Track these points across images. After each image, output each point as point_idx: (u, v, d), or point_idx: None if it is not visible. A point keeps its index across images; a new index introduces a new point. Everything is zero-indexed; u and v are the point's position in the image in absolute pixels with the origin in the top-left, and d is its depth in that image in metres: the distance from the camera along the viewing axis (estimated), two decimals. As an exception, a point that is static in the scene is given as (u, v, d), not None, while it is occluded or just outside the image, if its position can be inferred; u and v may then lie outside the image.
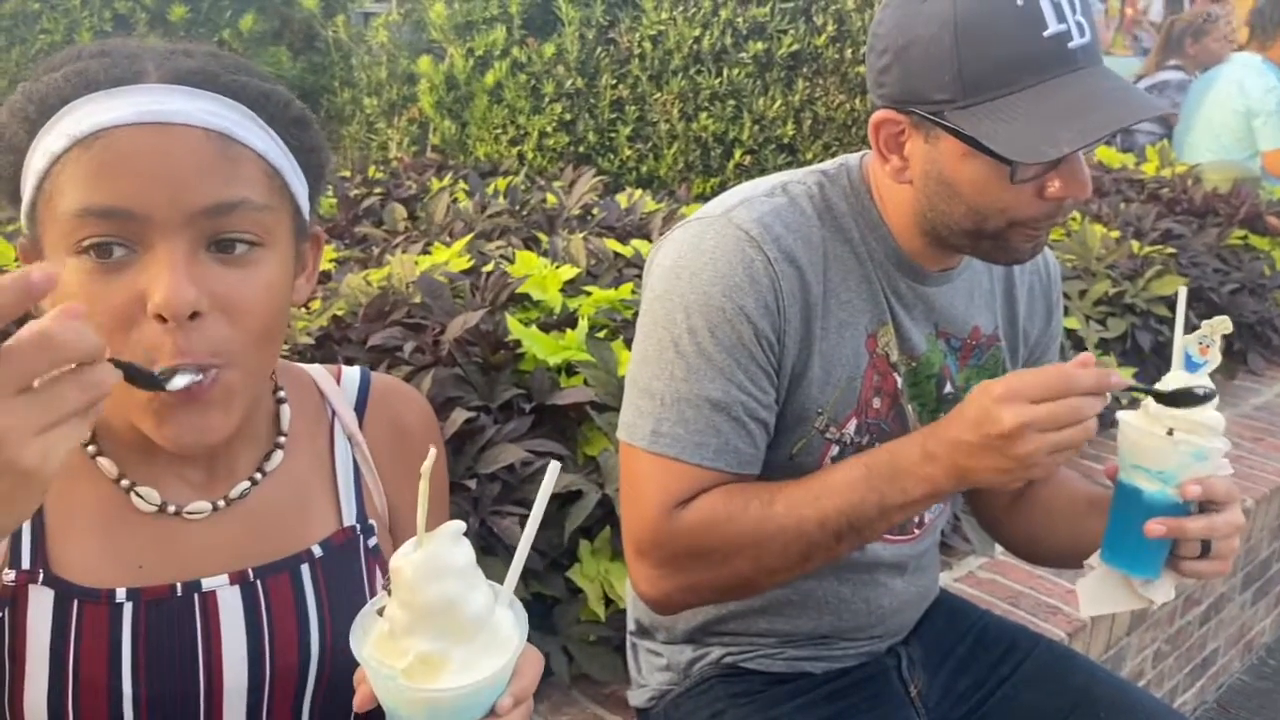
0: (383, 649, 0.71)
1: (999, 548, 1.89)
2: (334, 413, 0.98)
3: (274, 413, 0.94)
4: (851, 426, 1.23)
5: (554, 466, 0.73)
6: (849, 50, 4.31)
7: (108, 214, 0.74)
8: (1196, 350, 1.04)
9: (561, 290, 2.28)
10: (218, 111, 0.78)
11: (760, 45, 4.20)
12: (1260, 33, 4.77)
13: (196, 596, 0.85)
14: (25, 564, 0.82)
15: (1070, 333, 2.89)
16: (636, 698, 1.43)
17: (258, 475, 0.91)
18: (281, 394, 0.95)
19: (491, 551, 1.66)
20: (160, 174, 0.75)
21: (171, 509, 0.86)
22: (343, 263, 2.66)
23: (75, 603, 0.81)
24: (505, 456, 1.73)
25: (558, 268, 2.37)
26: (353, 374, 1.01)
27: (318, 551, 0.91)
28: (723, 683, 1.34)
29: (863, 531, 1.14)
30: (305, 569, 0.90)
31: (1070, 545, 1.27)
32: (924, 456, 1.07)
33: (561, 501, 1.77)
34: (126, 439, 0.85)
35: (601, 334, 2.13)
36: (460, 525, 0.70)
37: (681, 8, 4.23)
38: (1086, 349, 2.88)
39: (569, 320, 2.14)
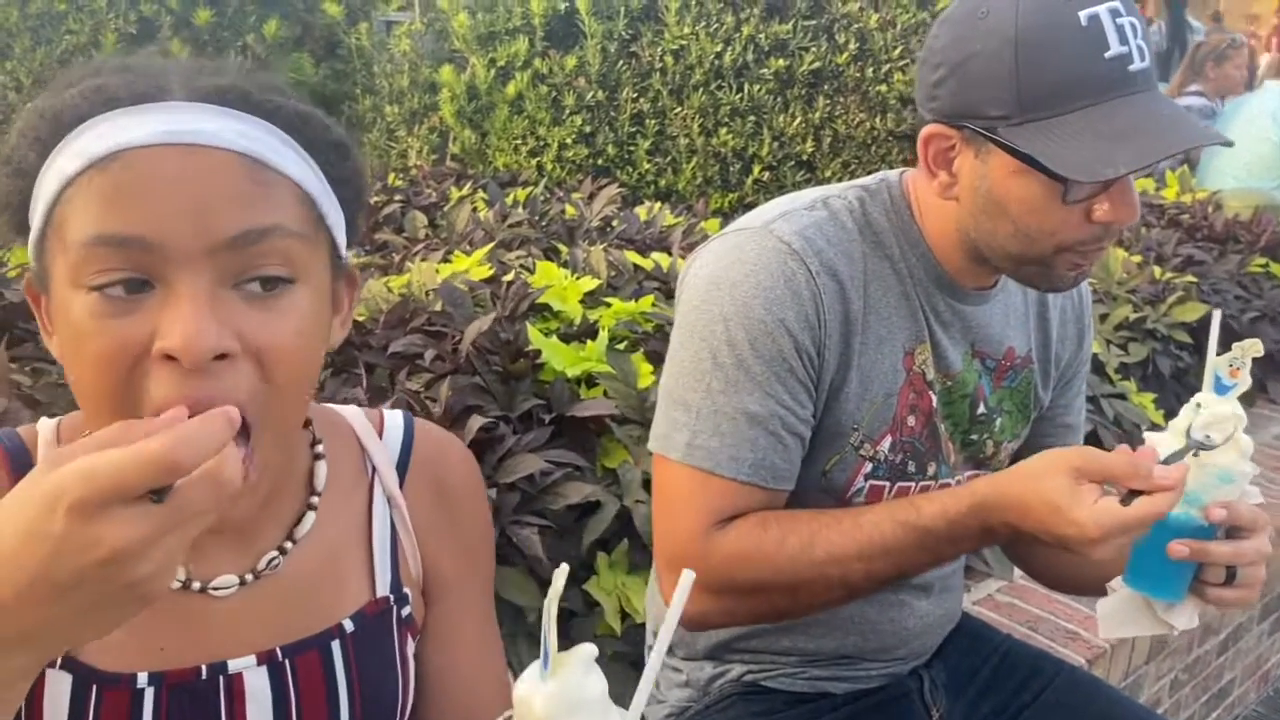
0: None
1: (1017, 571, 1.88)
2: (374, 469, 0.90)
3: (308, 468, 0.85)
4: (886, 444, 1.22)
5: (687, 576, 0.63)
6: (870, 69, 4.31)
7: (123, 243, 0.65)
8: (1226, 373, 1.02)
9: (581, 301, 2.28)
10: (250, 133, 0.69)
11: (782, 62, 4.20)
12: None
13: (222, 679, 0.79)
14: None
15: (1091, 357, 2.87)
16: (654, 714, 1.41)
17: (288, 544, 0.82)
18: (319, 448, 0.86)
19: (509, 562, 1.65)
20: (183, 200, 0.66)
21: (196, 585, 0.79)
22: (363, 269, 2.66)
23: (95, 688, 0.76)
24: (525, 466, 1.72)
25: (578, 279, 2.37)
26: (396, 426, 0.93)
27: (349, 626, 0.84)
28: (743, 701, 1.32)
29: (913, 575, 1.16)
30: (336, 645, 0.83)
31: (1093, 571, 1.25)
32: (984, 530, 1.07)
33: (580, 513, 1.76)
34: None
35: (621, 346, 2.13)
36: (593, 650, 0.63)
37: (704, 23, 4.23)
38: (1107, 373, 2.86)
39: (589, 331, 2.14)
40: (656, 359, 1.99)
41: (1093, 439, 2.61)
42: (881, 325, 1.20)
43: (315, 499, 0.83)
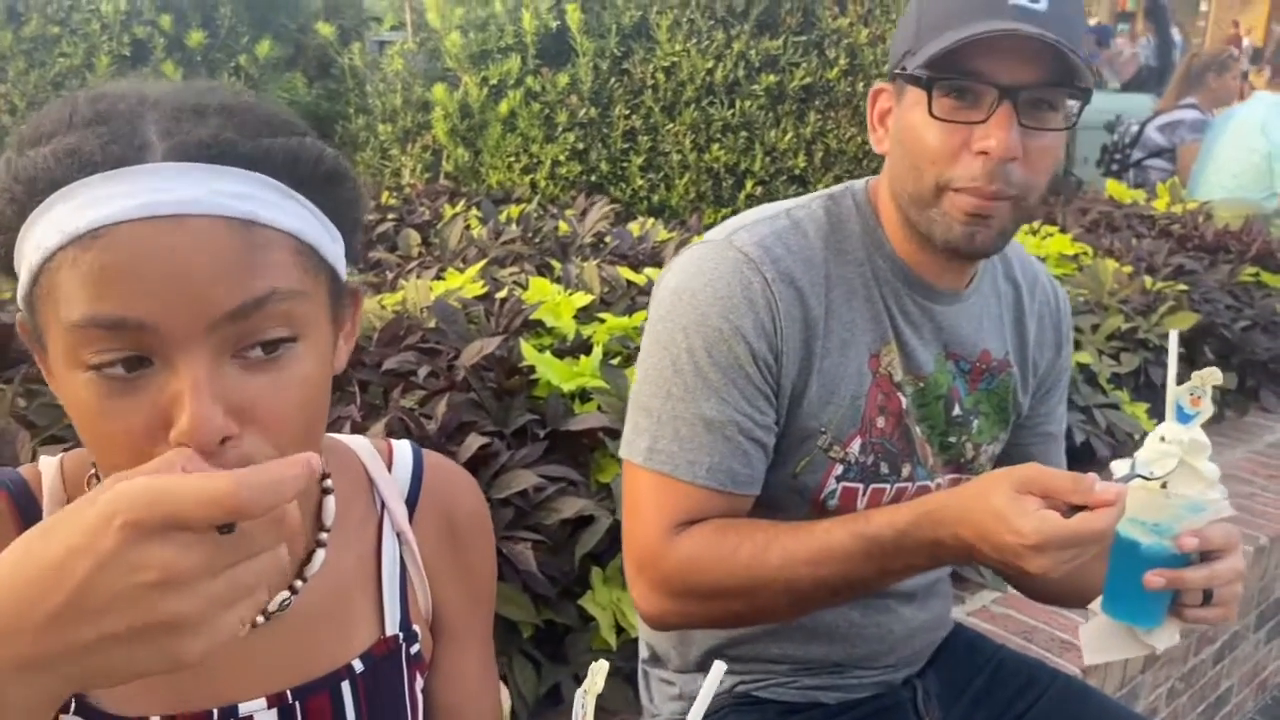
0: None
1: (1013, 581, 1.88)
2: (383, 504, 0.89)
3: (317, 502, 0.82)
4: (856, 446, 1.23)
5: (718, 668, 0.63)
6: (861, 84, 4.33)
7: (116, 325, 0.63)
8: (1188, 401, 1.02)
9: (575, 317, 2.28)
10: (240, 192, 0.65)
11: (773, 78, 4.22)
12: None
13: None
14: None
15: (1083, 367, 2.88)
16: (649, 727, 1.42)
17: (298, 583, 0.79)
18: (327, 483, 0.82)
19: (503, 578, 1.65)
20: (174, 278, 0.63)
21: None
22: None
23: None
24: (519, 482, 1.72)
25: (571, 294, 2.38)
26: (405, 459, 0.92)
27: (359, 666, 0.84)
28: (735, 712, 1.33)
29: (862, 590, 1.16)
30: (346, 686, 0.83)
31: (1082, 585, 1.26)
32: (933, 543, 1.07)
33: (573, 527, 1.76)
34: None
35: (615, 361, 2.13)
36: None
37: (695, 40, 4.26)
38: (1100, 383, 2.87)
39: (583, 347, 2.14)
40: (649, 373, 2.00)
41: (1086, 449, 2.62)
42: (844, 329, 1.22)
43: (324, 535, 0.79)
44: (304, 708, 0.81)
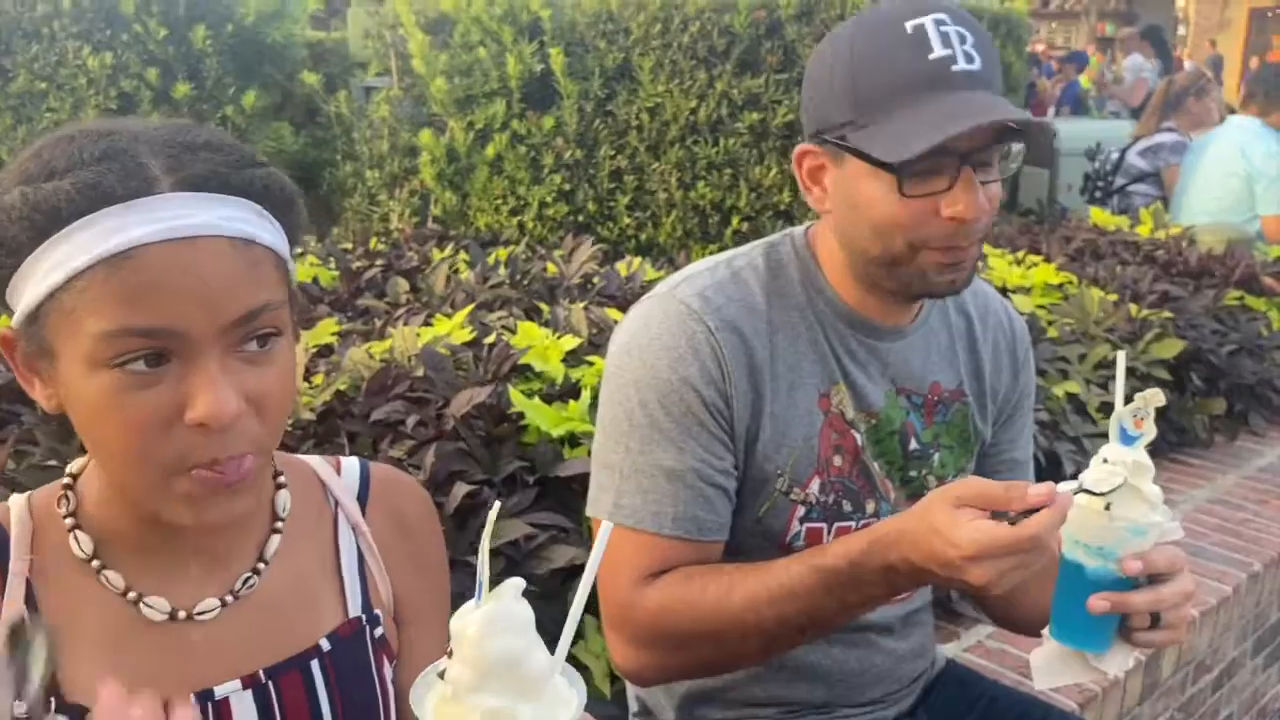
0: (446, 712, 0.70)
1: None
2: (337, 502, 0.98)
3: (271, 496, 0.94)
4: (815, 486, 1.25)
5: (608, 525, 0.74)
6: (843, 119, 4.37)
7: (145, 333, 0.74)
8: (1131, 424, 1.03)
9: (563, 360, 2.29)
10: (237, 216, 0.78)
11: (756, 115, 4.26)
12: (1262, 98, 4.84)
13: (210, 705, 0.85)
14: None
15: (1072, 397, 2.89)
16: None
17: (261, 565, 0.91)
18: (281, 479, 0.95)
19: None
20: (194, 290, 0.75)
21: (181, 614, 0.86)
22: (345, 336, 2.67)
23: None
24: (509, 532, 1.72)
25: (559, 338, 2.38)
26: (352, 464, 1.02)
27: (326, 645, 0.91)
28: (729, 759, 1.33)
29: (826, 626, 1.17)
30: (315, 665, 0.90)
31: (1014, 613, 1.32)
32: (885, 568, 1.08)
33: (565, 576, 1.76)
34: (131, 543, 0.86)
35: (604, 405, 2.14)
36: (520, 583, 0.71)
37: (678, 80, 4.30)
38: (1089, 412, 2.88)
39: (571, 391, 2.15)
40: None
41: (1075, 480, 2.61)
42: (791, 372, 1.24)
43: (280, 523, 0.93)
44: (277, 686, 0.87)
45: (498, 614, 0.69)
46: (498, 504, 0.74)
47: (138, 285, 0.74)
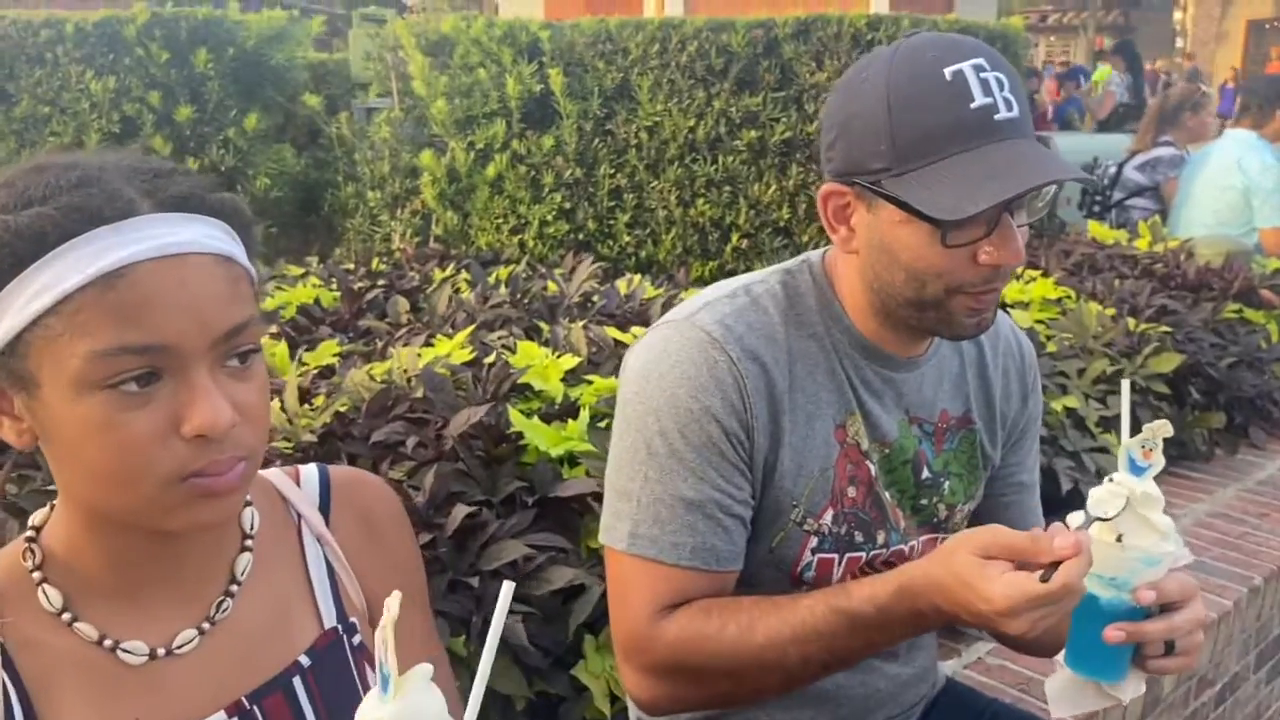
0: None
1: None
2: (299, 516, 0.97)
3: (237, 515, 0.93)
4: (829, 517, 1.25)
5: (508, 587, 0.68)
6: (842, 136, 4.39)
7: (144, 350, 0.75)
8: (1140, 454, 1.04)
9: (563, 380, 2.30)
10: (213, 234, 0.80)
11: (754, 133, 4.29)
12: (1256, 110, 4.85)
13: None
14: None
15: (1071, 412, 2.89)
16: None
17: (234, 587, 0.90)
18: (247, 495, 0.94)
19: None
20: (185, 306, 0.76)
21: (161, 652, 0.85)
22: (346, 357, 2.68)
23: None
24: (508, 553, 1.72)
25: (559, 357, 2.39)
26: (311, 472, 1.01)
27: (305, 661, 0.90)
28: (729, 781, 1.33)
29: (851, 662, 1.17)
30: (297, 682, 0.89)
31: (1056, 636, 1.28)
32: (914, 614, 1.08)
33: (565, 597, 1.76)
34: (102, 588, 0.84)
35: (604, 423, 2.14)
36: (429, 669, 0.67)
37: (676, 99, 4.33)
38: (1088, 427, 2.89)
39: (571, 410, 2.16)
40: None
41: (1074, 495, 2.62)
42: (809, 402, 1.24)
43: (249, 541, 0.92)
44: (263, 710, 0.87)
45: (407, 711, 0.64)
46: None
47: (131, 303, 0.74)
